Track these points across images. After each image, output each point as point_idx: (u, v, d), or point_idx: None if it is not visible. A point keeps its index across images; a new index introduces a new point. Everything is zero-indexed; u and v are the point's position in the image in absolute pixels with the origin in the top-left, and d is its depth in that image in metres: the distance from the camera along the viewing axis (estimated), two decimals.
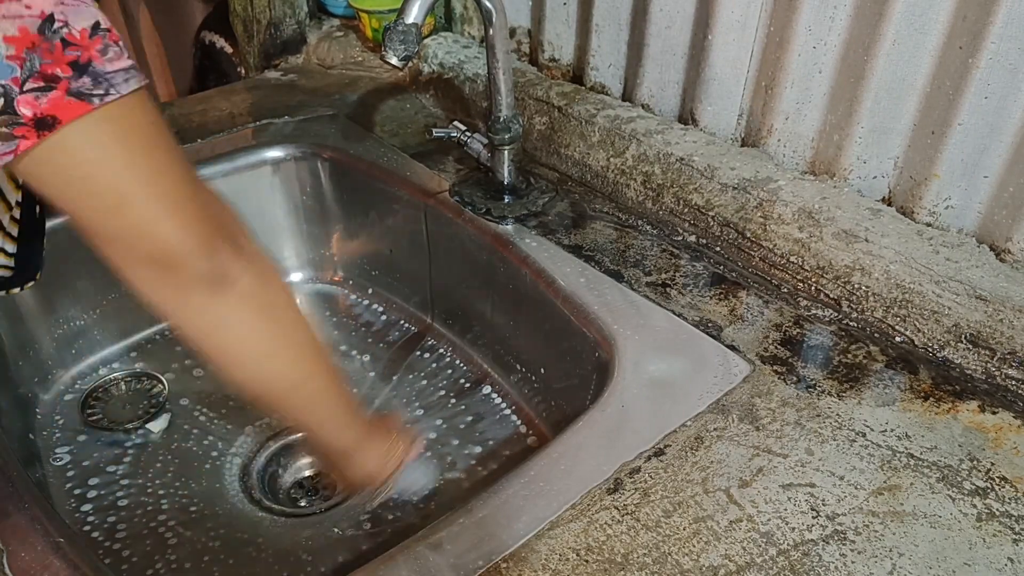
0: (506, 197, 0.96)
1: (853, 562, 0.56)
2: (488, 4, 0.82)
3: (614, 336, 0.76)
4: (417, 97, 1.24)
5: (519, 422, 0.95)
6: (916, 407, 0.69)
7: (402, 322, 1.10)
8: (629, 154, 0.96)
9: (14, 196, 0.57)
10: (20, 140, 0.43)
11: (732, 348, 0.75)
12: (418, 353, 1.05)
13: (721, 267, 0.87)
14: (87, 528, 0.83)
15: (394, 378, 1.03)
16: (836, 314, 0.80)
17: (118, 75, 0.44)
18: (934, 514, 0.60)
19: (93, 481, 0.88)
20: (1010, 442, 0.66)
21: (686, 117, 0.99)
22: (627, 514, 0.60)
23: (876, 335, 0.77)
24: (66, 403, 0.97)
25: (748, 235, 0.85)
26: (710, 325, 0.79)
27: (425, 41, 1.22)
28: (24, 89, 0.42)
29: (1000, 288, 0.71)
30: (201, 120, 1.18)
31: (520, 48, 1.18)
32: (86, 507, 0.85)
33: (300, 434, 0.97)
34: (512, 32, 1.17)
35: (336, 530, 0.84)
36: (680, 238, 0.92)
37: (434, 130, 1.01)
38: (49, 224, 0.96)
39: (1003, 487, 0.62)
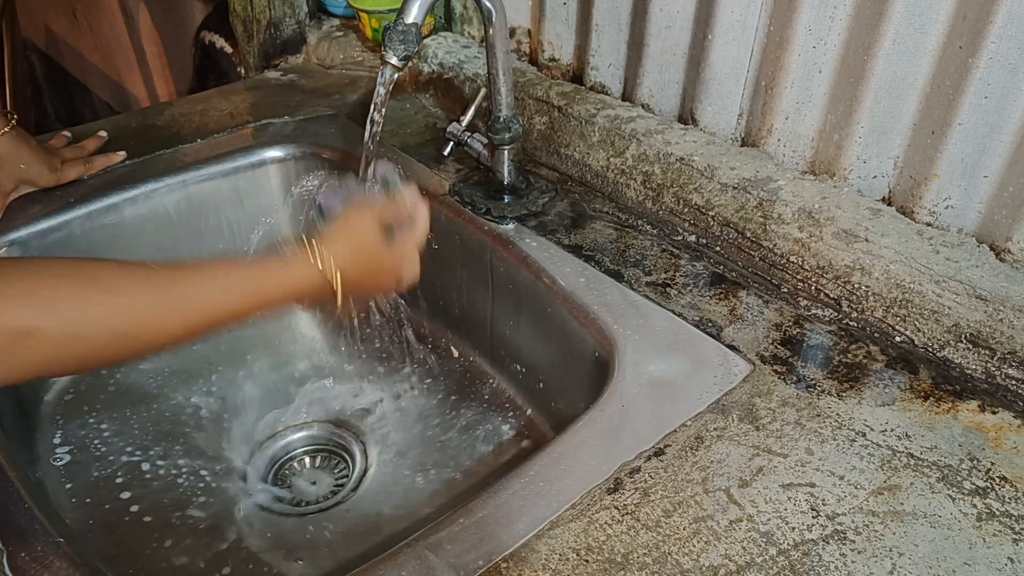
0: (506, 197, 0.96)
1: (853, 562, 0.56)
2: (488, 4, 0.82)
3: (614, 336, 0.76)
4: (417, 97, 1.24)
5: (519, 422, 0.95)
6: (916, 407, 0.69)
7: (401, 322, 1.10)
8: (629, 154, 0.96)
9: None
10: None
11: (732, 348, 0.75)
12: (417, 353, 1.05)
13: (721, 267, 0.87)
14: (87, 528, 0.83)
15: (394, 378, 1.03)
16: (836, 314, 0.80)
17: None
18: (934, 514, 0.60)
19: (93, 480, 0.88)
20: (1010, 442, 0.66)
21: (686, 117, 0.99)
22: (627, 514, 0.60)
23: (876, 335, 0.77)
24: (66, 403, 0.97)
25: (748, 235, 0.85)
26: (710, 325, 0.79)
27: (425, 41, 1.22)
28: None
29: (1000, 288, 0.71)
30: (201, 120, 1.18)
31: (520, 48, 1.18)
32: (86, 507, 0.85)
33: (299, 434, 0.97)
34: (512, 32, 1.17)
35: (336, 530, 0.84)
36: (680, 238, 0.92)
37: (446, 133, 1.01)
38: (46, 224, 0.96)
39: (1003, 487, 0.62)
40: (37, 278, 0.48)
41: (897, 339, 0.76)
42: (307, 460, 0.96)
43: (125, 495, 0.87)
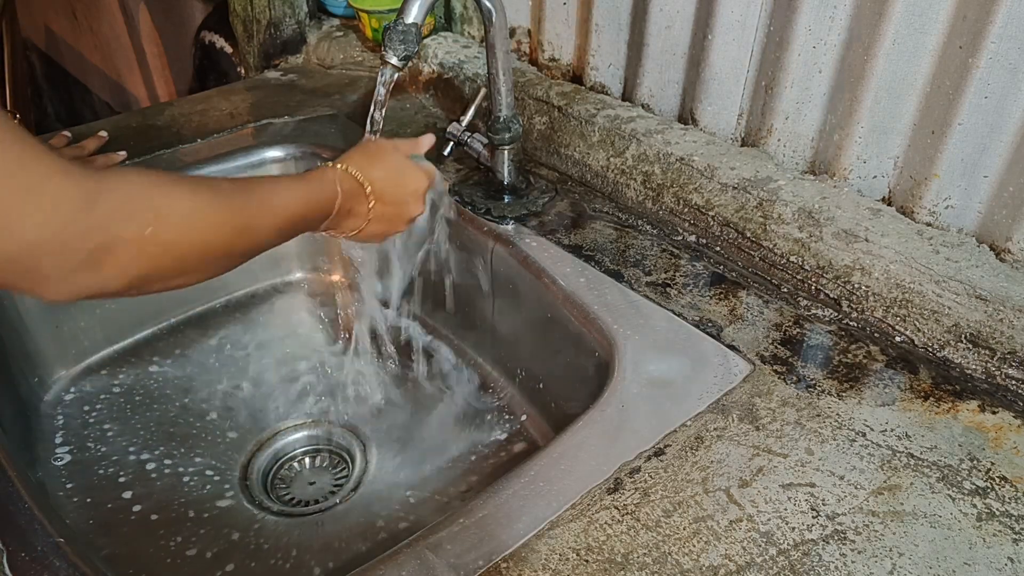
0: (506, 197, 0.96)
1: (853, 562, 0.56)
2: (488, 4, 0.82)
3: (614, 336, 0.76)
4: (417, 97, 1.24)
5: (519, 422, 0.95)
6: (916, 407, 0.69)
7: (402, 322, 1.10)
8: (629, 154, 0.96)
9: None
10: None
11: (732, 348, 0.75)
12: (418, 354, 1.05)
13: (721, 267, 0.87)
14: (88, 528, 0.83)
15: (394, 379, 1.03)
16: (836, 314, 0.80)
17: None
18: (934, 514, 0.60)
19: (93, 480, 0.88)
20: (1010, 442, 0.66)
21: (686, 117, 0.99)
22: (627, 514, 0.60)
23: (876, 335, 0.77)
24: (66, 403, 0.97)
25: (748, 235, 0.85)
26: (710, 325, 0.79)
27: (425, 41, 1.22)
28: None
29: (1000, 288, 0.71)
30: (201, 120, 1.18)
31: (520, 48, 1.18)
32: (87, 507, 0.85)
33: (300, 434, 0.97)
34: (512, 32, 1.17)
35: (336, 530, 0.84)
36: (680, 238, 0.92)
37: (446, 133, 1.01)
38: None
39: (1003, 487, 0.62)
40: (159, 187, 0.53)
41: (897, 339, 0.76)
42: (307, 460, 0.96)
43: (127, 495, 0.87)
